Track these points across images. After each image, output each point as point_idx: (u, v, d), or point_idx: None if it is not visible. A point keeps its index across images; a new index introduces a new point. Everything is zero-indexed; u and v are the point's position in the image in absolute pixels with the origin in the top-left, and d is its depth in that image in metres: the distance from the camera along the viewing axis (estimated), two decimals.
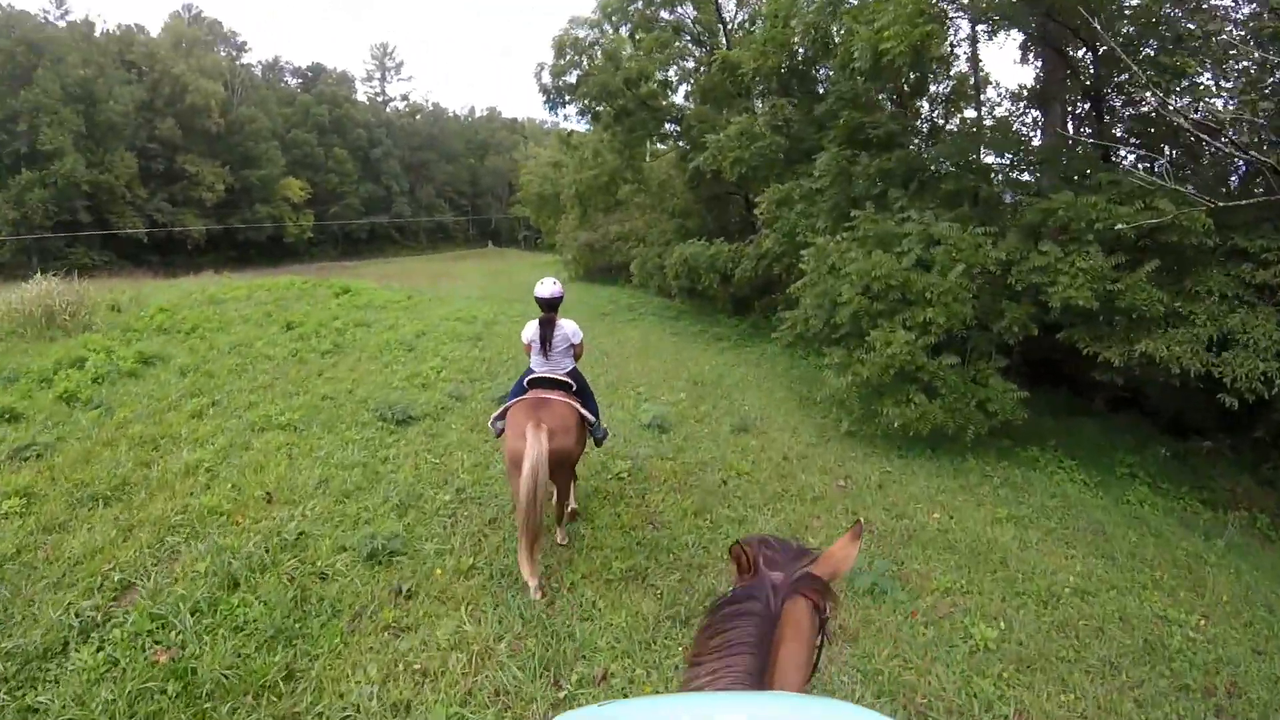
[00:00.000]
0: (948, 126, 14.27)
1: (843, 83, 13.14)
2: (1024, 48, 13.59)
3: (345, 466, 7.28)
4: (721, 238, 18.39)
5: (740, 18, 24.04)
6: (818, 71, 15.79)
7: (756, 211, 14.62)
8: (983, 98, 13.94)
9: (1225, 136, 8.60)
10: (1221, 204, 7.79)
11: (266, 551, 5.37)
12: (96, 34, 59.54)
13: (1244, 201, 8.46)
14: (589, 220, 31.99)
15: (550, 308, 5.61)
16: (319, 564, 5.32)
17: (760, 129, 14.85)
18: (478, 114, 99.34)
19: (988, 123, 13.14)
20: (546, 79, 23.58)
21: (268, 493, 6.47)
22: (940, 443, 9.50)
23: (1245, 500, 9.51)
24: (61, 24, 57.51)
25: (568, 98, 23.81)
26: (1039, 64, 13.55)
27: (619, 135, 24.08)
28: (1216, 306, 8.60)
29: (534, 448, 4.80)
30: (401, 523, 6.05)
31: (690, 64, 23.45)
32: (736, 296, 19.49)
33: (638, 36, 22.68)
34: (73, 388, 9.37)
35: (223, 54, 70.62)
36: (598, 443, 6.05)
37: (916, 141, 13.14)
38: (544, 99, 24.10)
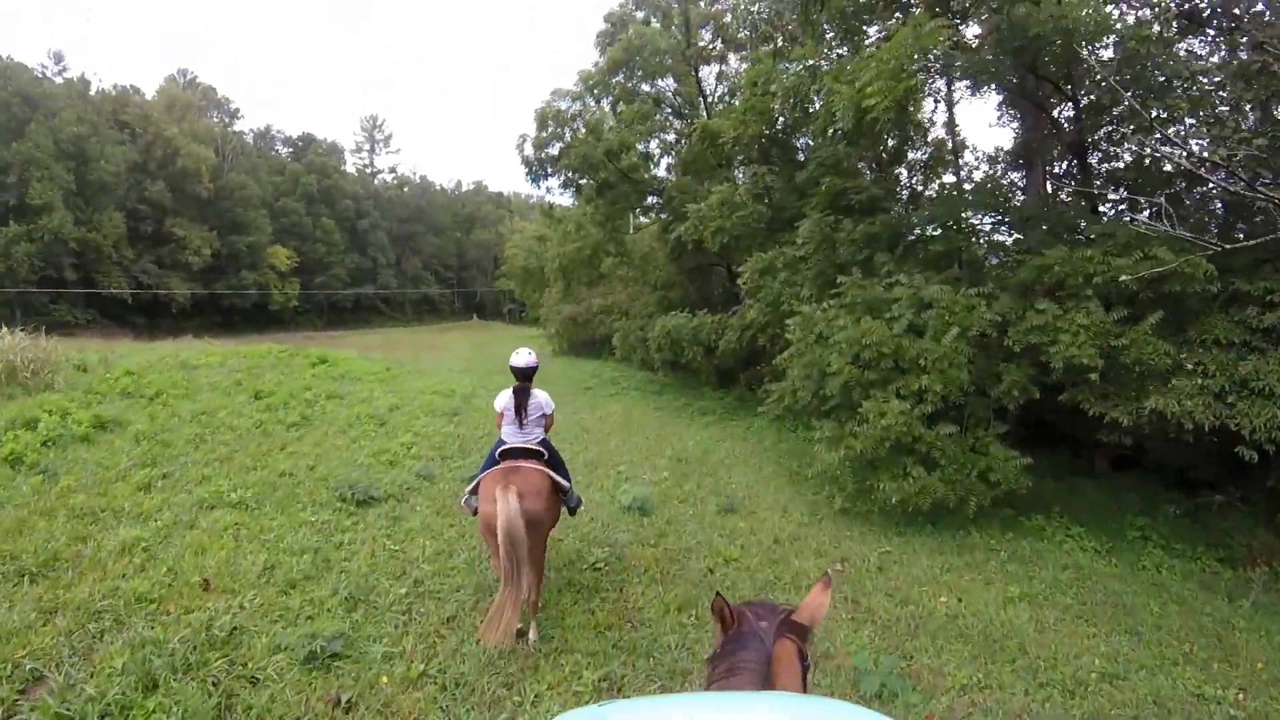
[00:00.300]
0: (927, 192, 14.17)
1: (824, 149, 13.04)
2: (1001, 106, 13.60)
3: (294, 552, 6.66)
4: (705, 309, 18.05)
5: (720, 90, 24.36)
6: (798, 140, 15.66)
7: (740, 281, 14.24)
8: (961, 161, 13.89)
9: (1223, 176, 8.30)
10: (1228, 246, 7.46)
11: (194, 649, 4.73)
12: (92, 92, 59.84)
13: (1250, 242, 8.12)
14: (572, 294, 31.79)
15: (525, 377, 5.72)
16: (251, 665, 4.68)
17: (741, 198, 14.65)
18: (464, 188, 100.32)
19: (968, 186, 13.00)
20: (529, 151, 23.51)
21: (205, 579, 5.84)
22: (940, 517, 8.93)
23: (1265, 555, 8.88)
24: (58, 80, 57.92)
25: (550, 170, 23.73)
26: (1017, 123, 13.52)
27: (601, 208, 24.01)
28: (1224, 355, 8.23)
29: (504, 508, 4.76)
30: (349, 620, 5.41)
31: (671, 136, 23.54)
32: (721, 369, 19.05)
33: (619, 109, 22.74)
34: (20, 450, 8.79)
35: (215, 120, 71.53)
36: (571, 511, 6.04)
37: (898, 207, 12.94)
38: (526, 171, 23.99)
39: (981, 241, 12.10)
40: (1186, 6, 10.69)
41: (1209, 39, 10.99)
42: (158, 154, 59.37)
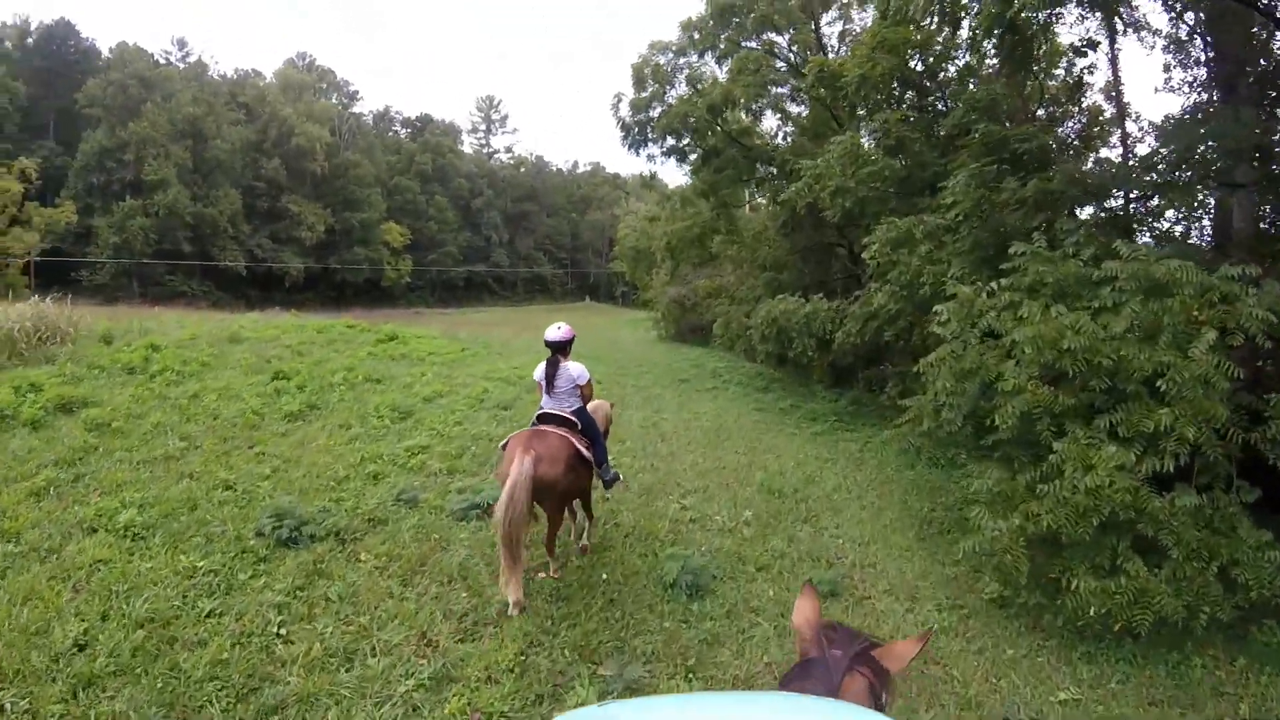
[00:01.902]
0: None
1: (977, 92, 9.74)
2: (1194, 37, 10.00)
3: (136, 623, 4.55)
4: (820, 295, 14.80)
5: (843, 51, 20.74)
6: (938, 79, 12.29)
7: (866, 257, 10.93)
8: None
9: None
10: None
11: None
12: (210, 75, 62.22)
13: None
14: (680, 275, 29.61)
15: (558, 349, 5.83)
16: None
17: (868, 151, 11.41)
18: (581, 168, 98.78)
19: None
20: (625, 112, 20.73)
21: None
22: (1154, 637, 5.49)
23: None
24: (181, 66, 60.19)
25: (650, 134, 20.86)
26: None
27: (706, 178, 21.04)
28: None
29: (516, 470, 4.92)
30: None
31: (785, 90, 20.03)
32: (837, 365, 15.85)
33: (725, 64, 19.63)
34: None
35: (335, 102, 72.92)
36: (606, 485, 6.22)
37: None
38: (623, 137, 21.15)
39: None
40: None
41: None
42: (273, 133, 60.91)
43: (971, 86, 11.21)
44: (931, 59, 11.78)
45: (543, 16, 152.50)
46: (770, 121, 22.38)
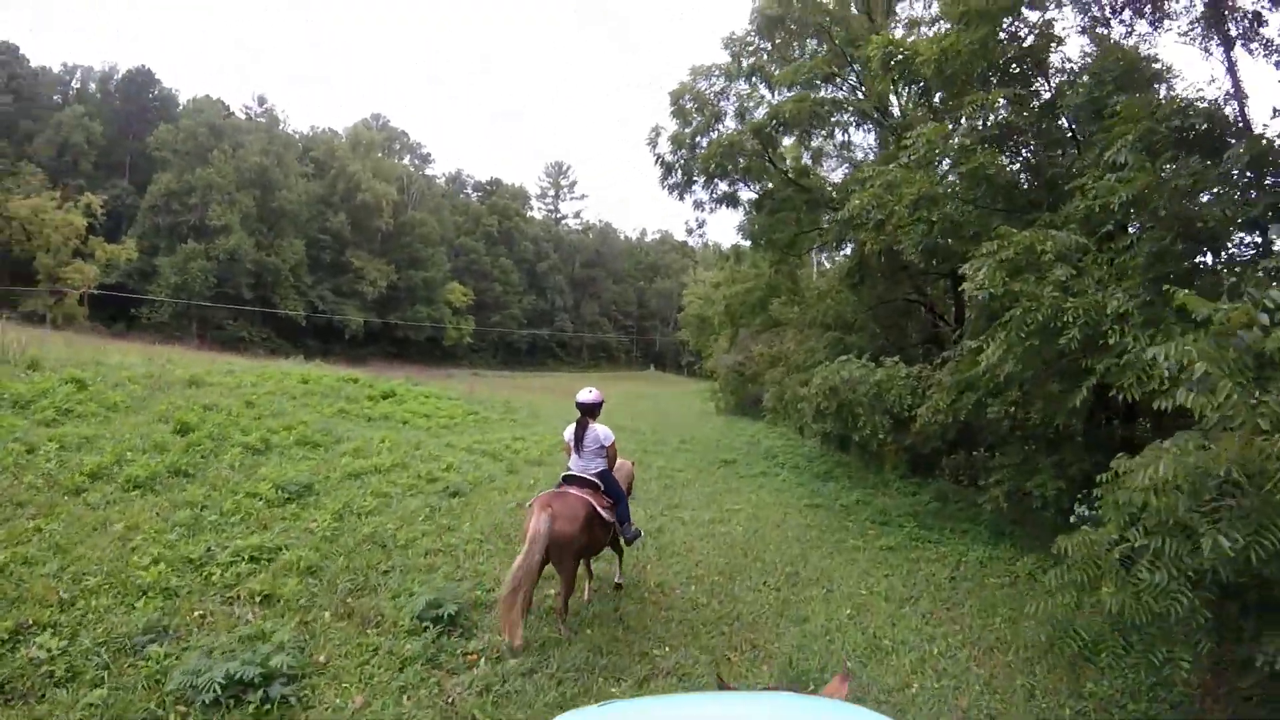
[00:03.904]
0: None
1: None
2: None
3: None
4: (896, 359, 11.23)
5: None
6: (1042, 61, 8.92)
7: (969, 290, 7.14)
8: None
9: None
10: None
11: None
12: (282, 129, 63.07)
13: None
14: (739, 342, 26.40)
15: (587, 412, 6.07)
16: None
17: (958, 141, 8.06)
18: (649, 237, 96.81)
19: None
20: (664, 148, 17.78)
21: None
22: None
23: None
24: (259, 119, 61.20)
25: (695, 174, 17.86)
26: None
27: (762, 225, 17.93)
28: None
29: (534, 527, 5.24)
30: None
31: (848, 118, 16.77)
32: (915, 451, 12.27)
33: (774, 74, 16.53)
34: None
35: (407, 163, 73.26)
36: (628, 542, 6.34)
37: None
38: (662, 176, 18.04)
39: None
40: None
41: None
42: (340, 188, 60.73)
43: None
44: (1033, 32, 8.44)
45: (612, 79, 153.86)
46: (832, 166, 19.35)
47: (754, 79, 16.99)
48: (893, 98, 16.10)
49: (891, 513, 11.05)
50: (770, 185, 17.25)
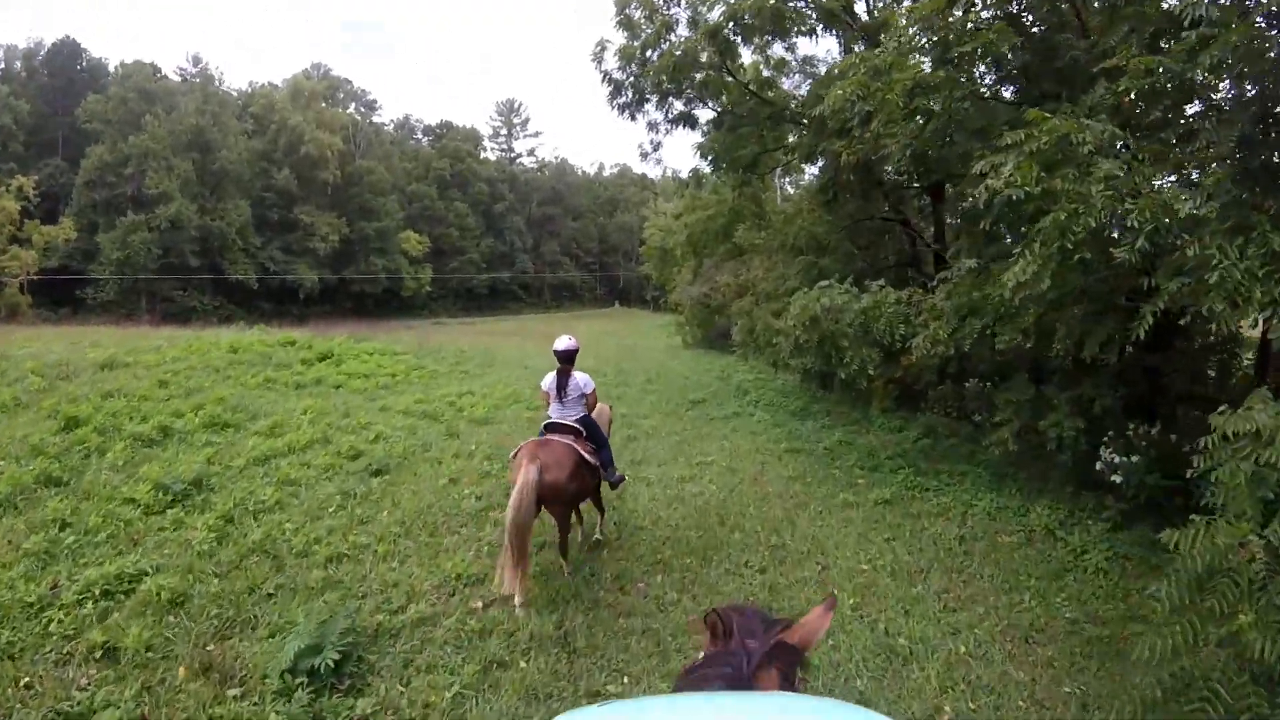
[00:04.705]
0: None
1: None
2: None
3: None
4: (882, 283, 9.81)
5: None
6: None
7: (990, 189, 5.47)
8: None
9: None
10: None
11: None
12: (219, 87, 59.29)
13: None
14: (703, 273, 24.86)
15: (566, 359, 6.00)
16: None
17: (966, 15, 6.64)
18: (607, 171, 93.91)
19: None
20: (611, 63, 15.89)
21: None
22: None
23: None
24: (194, 80, 57.44)
25: (647, 91, 16.11)
26: None
27: (723, 144, 16.32)
28: None
29: (522, 478, 5.11)
30: None
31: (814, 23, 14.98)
32: (905, 384, 11.10)
33: None
34: None
35: (352, 111, 69.75)
36: (613, 486, 6.38)
37: None
38: (610, 94, 16.09)
39: None
40: None
41: None
42: (283, 142, 57.35)
43: None
44: None
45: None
46: (795, 83, 17.65)
47: None
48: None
49: (880, 454, 9.92)
50: (730, 101, 15.63)
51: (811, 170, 17.67)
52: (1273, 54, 4.32)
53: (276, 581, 5.11)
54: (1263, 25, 4.51)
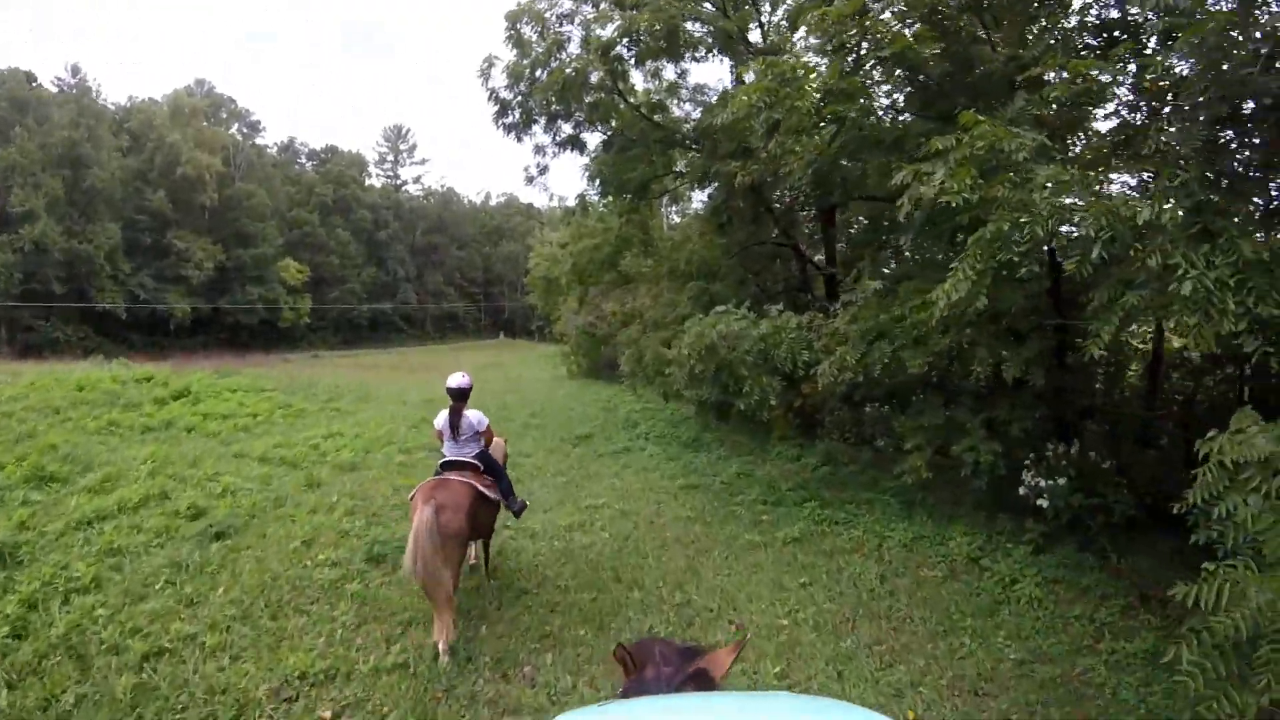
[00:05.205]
0: None
1: None
2: None
3: None
4: (781, 309, 9.30)
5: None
6: None
7: (923, 196, 4.88)
8: None
9: None
10: None
11: None
12: (97, 99, 55.11)
13: None
14: (589, 301, 24.28)
15: (459, 397, 5.88)
16: None
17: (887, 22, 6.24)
18: (493, 200, 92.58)
19: None
20: (499, 81, 15.13)
21: None
22: None
23: None
24: (71, 91, 53.15)
25: (536, 113, 15.38)
26: None
27: (610, 164, 15.73)
28: None
29: (418, 519, 4.93)
30: None
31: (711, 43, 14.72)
32: (806, 412, 10.69)
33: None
34: None
35: (235, 132, 66.11)
36: (515, 514, 6.29)
37: None
38: (496, 114, 15.29)
39: None
40: None
41: None
42: (159, 161, 53.47)
43: None
44: None
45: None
46: (687, 110, 17.37)
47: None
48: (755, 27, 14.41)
49: (780, 486, 9.43)
50: (620, 124, 15.14)
51: (700, 197, 17.34)
52: (1251, 43, 4.03)
53: (78, 691, 4.03)
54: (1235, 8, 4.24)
